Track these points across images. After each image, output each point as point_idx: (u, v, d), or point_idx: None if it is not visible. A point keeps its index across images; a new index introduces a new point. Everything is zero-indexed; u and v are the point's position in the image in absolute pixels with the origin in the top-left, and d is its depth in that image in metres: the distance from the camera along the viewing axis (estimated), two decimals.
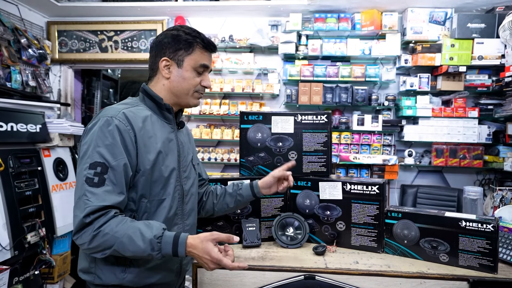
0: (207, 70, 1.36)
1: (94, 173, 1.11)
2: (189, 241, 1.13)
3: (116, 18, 3.97)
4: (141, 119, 1.24)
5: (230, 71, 3.93)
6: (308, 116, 1.88)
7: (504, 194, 2.33)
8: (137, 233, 1.10)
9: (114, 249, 1.11)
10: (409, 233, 1.65)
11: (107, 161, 1.12)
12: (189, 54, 1.29)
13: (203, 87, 1.35)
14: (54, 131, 3.11)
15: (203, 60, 1.32)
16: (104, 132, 1.14)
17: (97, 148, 1.13)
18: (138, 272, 1.22)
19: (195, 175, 1.48)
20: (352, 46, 3.61)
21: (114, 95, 5.24)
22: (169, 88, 1.32)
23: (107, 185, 1.12)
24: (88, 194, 1.10)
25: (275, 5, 3.51)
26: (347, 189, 1.77)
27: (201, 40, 1.31)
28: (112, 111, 1.20)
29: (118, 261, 1.21)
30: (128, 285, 1.22)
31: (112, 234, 1.09)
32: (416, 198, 3.38)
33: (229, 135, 3.82)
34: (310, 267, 1.54)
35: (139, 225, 1.12)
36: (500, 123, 3.60)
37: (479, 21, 3.40)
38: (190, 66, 1.30)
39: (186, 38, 1.29)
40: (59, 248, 3.09)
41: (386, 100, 3.66)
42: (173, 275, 1.33)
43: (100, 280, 1.22)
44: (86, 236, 1.10)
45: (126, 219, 1.14)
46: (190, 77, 1.30)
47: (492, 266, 1.48)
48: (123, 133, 1.16)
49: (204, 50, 1.32)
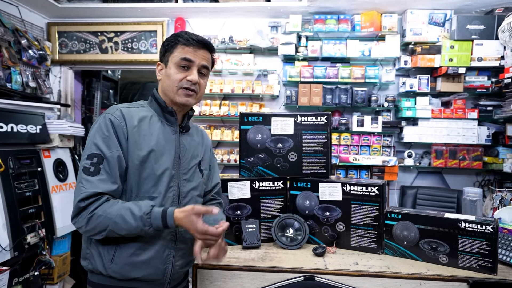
0: (194, 65, 1.35)
1: (91, 163, 1.22)
2: (176, 214, 1.21)
3: (116, 19, 3.97)
4: (138, 118, 1.32)
5: (230, 72, 3.93)
6: (308, 117, 1.88)
7: (504, 195, 2.34)
8: (128, 213, 1.18)
9: (109, 229, 1.19)
10: (409, 234, 1.66)
11: (102, 153, 1.23)
12: (172, 53, 1.35)
13: (189, 82, 1.33)
14: (54, 132, 3.11)
15: (184, 54, 1.33)
16: (101, 126, 1.26)
17: (94, 141, 1.24)
18: (123, 265, 1.26)
19: (200, 179, 1.48)
20: (351, 47, 3.61)
21: (114, 96, 5.25)
22: (161, 88, 1.40)
23: (102, 174, 1.22)
24: (83, 181, 1.21)
25: (275, 6, 3.52)
26: (347, 190, 1.77)
27: (181, 37, 1.35)
28: (111, 109, 1.30)
29: (107, 251, 1.27)
30: (113, 275, 1.27)
31: (105, 216, 1.18)
32: (416, 199, 3.39)
33: (229, 136, 3.82)
34: (310, 268, 1.54)
35: (129, 205, 1.21)
36: (500, 125, 3.61)
37: (479, 23, 3.41)
38: (173, 63, 1.34)
39: (170, 39, 1.38)
40: (58, 249, 3.09)
41: (386, 101, 3.67)
42: (160, 274, 1.32)
43: (92, 266, 1.29)
44: (82, 220, 1.19)
45: (117, 201, 1.23)
46: (173, 73, 1.34)
47: (491, 267, 1.48)
48: (117, 127, 1.26)
49: (186, 46, 1.34)
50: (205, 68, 1.39)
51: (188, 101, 1.36)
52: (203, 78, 1.40)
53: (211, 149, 1.64)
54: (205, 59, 1.38)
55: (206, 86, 1.46)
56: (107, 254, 1.26)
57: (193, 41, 1.34)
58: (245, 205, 1.87)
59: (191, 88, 1.35)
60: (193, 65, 1.35)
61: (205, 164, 1.55)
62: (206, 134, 1.64)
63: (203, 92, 1.44)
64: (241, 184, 1.87)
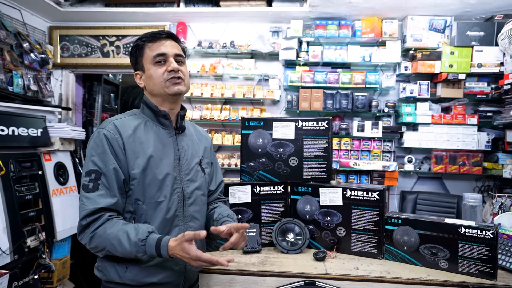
0: (169, 56, 1.35)
1: (89, 179, 1.23)
2: (170, 243, 1.18)
3: (118, 23, 3.99)
4: (132, 127, 1.33)
5: (231, 77, 3.95)
6: (308, 122, 1.89)
7: (503, 201, 2.34)
8: (125, 236, 1.18)
9: (107, 250, 1.21)
10: (409, 240, 1.66)
11: (99, 168, 1.24)
12: (143, 55, 1.37)
13: (171, 72, 1.33)
14: (55, 135, 3.12)
15: (155, 50, 1.34)
16: (96, 142, 1.27)
17: (91, 158, 1.26)
18: (138, 271, 1.27)
19: (203, 178, 1.48)
20: (352, 53, 3.63)
21: (115, 99, 5.26)
22: (149, 93, 1.40)
23: (101, 190, 1.22)
24: (83, 199, 1.22)
25: (276, 11, 3.54)
26: (348, 195, 1.78)
27: (144, 38, 1.37)
28: (104, 124, 1.32)
29: (120, 260, 1.26)
30: (129, 283, 1.27)
31: (105, 237, 1.19)
32: (416, 205, 3.39)
33: (229, 141, 3.83)
34: (310, 273, 1.54)
35: (127, 228, 1.20)
36: (499, 130, 3.62)
37: (478, 29, 3.43)
38: (149, 64, 1.35)
39: (135, 45, 1.39)
40: (58, 253, 3.08)
41: (386, 107, 3.68)
42: (175, 275, 1.34)
43: (106, 277, 1.30)
44: (86, 237, 1.22)
45: (119, 222, 1.22)
46: (153, 72, 1.34)
47: (491, 272, 1.48)
48: (111, 141, 1.26)
49: (152, 42, 1.36)
50: (179, 56, 1.38)
51: (180, 89, 1.35)
52: (182, 66, 1.39)
53: (212, 147, 1.62)
54: (175, 47, 1.39)
55: (188, 73, 1.45)
56: (120, 264, 1.27)
57: (157, 35, 1.36)
58: (245, 210, 1.88)
59: (176, 76, 1.34)
60: (168, 56, 1.35)
61: (206, 163, 1.54)
62: (205, 132, 1.64)
63: (188, 79, 1.43)
64: (242, 189, 1.87)
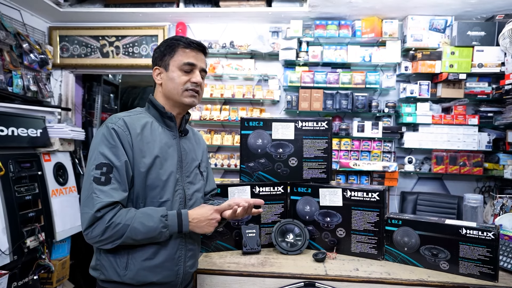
0: (196, 68, 1.39)
1: (101, 173, 1.22)
2: (190, 212, 1.31)
3: (117, 24, 3.98)
4: (140, 125, 1.33)
5: (230, 77, 3.94)
6: (308, 122, 1.88)
7: (505, 202, 2.33)
8: (146, 216, 1.24)
9: (126, 236, 1.21)
10: (409, 241, 1.65)
11: (111, 162, 1.24)
12: (172, 56, 1.38)
13: (194, 84, 1.38)
14: (54, 136, 3.12)
15: (187, 58, 1.37)
16: (106, 136, 1.26)
17: (101, 151, 1.25)
18: (138, 270, 1.28)
19: (202, 181, 1.52)
20: (352, 53, 3.62)
21: (115, 100, 5.25)
22: (163, 93, 1.41)
23: (113, 183, 1.23)
24: (97, 191, 1.21)
25: (276, 11, 3.54)
26: (347, 195, 1.77)
27: (182, 41, 1.38)
28: (113, 119, 1.32)
29: (119, 259, 1.28)
30: (128, 282, 1.28)
31: (124, 223, 1.21)
32: (416, 205, 3.38)
33: (229, 141, 3.82)
34: (310, 274, 1.53)
35: (145, 210, 1.27)
36: (500, 131, 3.61)
37: (479, 29, 3.42)
38: (175, 67, 1.37)
39: (168, 43, 1.40)
40: (58, 253, 3.08)
41: (386, 107, 3.67)
42: (173, 276, 1.35)
43: (104, 276, 1.30)
44: (98, 229, 1.20)
45: (131, 209, 1.26)
46: (176, 77, 1.36)
47: (492, 274, 1.48)
48: (121, 136, 1.27)
49: (187, 49, 1.38)
50: (203, 72, 1.44)
51: (194, 102, 1.41)
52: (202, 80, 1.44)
53: (207, 151, 1.66)
54: (203, 62, 1.44)
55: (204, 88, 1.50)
56: (120, 262, 1.28)
57: (193, 45, 1.39)
58: None
59: (196, 89, 1.39)
60: (196, 68, 1.39)
61: (204, 166, 1.58)
62: (202, 136, 1.68)
63: (203, 93, 1.48)
64: (241, 189, 1.86)
